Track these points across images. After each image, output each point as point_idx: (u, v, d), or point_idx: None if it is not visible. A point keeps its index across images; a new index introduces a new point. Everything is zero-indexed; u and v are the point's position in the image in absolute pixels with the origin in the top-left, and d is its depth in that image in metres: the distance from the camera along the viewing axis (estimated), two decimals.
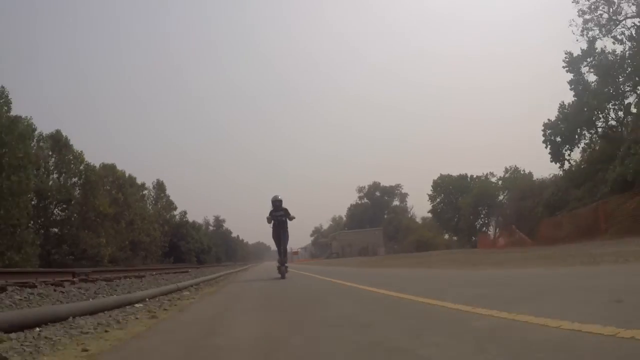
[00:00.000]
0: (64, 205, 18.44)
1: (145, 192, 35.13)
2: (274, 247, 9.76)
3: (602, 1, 17.14)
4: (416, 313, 2.43)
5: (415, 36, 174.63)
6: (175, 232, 37.14)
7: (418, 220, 68.14)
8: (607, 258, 5.48)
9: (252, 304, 3.88)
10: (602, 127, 17.46)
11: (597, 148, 16.78)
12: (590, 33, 17.24)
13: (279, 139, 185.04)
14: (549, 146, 17.76)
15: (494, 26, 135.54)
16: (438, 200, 42.87)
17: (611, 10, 17.22)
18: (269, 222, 8.83)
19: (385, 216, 72.72)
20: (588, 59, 17.25)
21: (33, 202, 16.72)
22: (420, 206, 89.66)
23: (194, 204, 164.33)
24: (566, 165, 17.34)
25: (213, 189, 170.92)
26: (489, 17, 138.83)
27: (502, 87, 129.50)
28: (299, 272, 11.36)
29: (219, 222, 79.07)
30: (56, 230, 19.47)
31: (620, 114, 16.98)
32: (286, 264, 8.57)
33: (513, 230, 17.65)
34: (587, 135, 17.70)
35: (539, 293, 2.84)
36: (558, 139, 17.84)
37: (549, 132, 17.70)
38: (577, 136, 17.59)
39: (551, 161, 17.93)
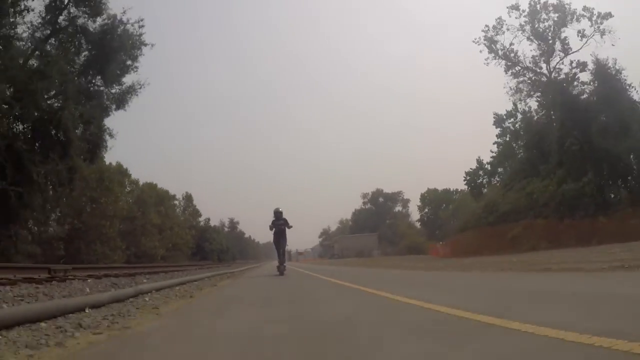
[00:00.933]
0: (129, 221, 25.52)
1: (176, 202, 42.50)
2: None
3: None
4: (345, 290, 4.68)
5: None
6: (201, 235, 44.44)
7: (418, 225, 74.31)
8: (492, 267, 7.76)
9: (259, 287, 6.26)
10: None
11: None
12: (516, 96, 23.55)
13: (291, 144, 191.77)
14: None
15: None
16: (425, 210, 49.43)
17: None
18: (270, 229, 10.38)
19: (387, 221, 78.97)
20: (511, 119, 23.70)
21: None
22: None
23: (210, 204, 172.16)
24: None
25: (228, 191, 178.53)
26: None
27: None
28: (297, 269, 14.41)
29: (233, 224, 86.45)
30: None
31: None
32: (284, 264, 10.29)
33: (454, 241, 23.90)
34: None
35: (425, 284, 5.23)
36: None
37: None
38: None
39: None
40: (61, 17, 13.45)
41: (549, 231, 14.72)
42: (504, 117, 23.36)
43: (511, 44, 22.21)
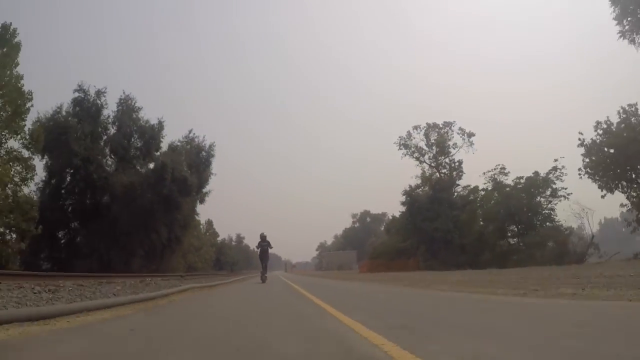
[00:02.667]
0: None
1: (202, 226, 57.36)
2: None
3: None
4: (289, 288, 9.49)
5: None
6: (218, 251, 59.06)
7: None
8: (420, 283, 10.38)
9: (250, 287, 10.07)
10: None
11: None
12: None
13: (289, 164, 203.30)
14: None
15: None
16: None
17: None
18: (257, 248, 14.51)
19: (370, 240, 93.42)
20: None
21: None
22: None
23: (214, 212, 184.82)
24: None
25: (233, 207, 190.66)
26: None
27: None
28: (280, 278, 19.08)
29: (240, 239, 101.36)
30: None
31: None
32: (266, 274, 13.96)
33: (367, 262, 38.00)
34: None
35: (326, 288, 9.99)
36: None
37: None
38: None
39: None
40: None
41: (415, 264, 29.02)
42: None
43: (416, 146, 37.16)
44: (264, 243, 14.31)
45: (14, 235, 13.74)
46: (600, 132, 18.38)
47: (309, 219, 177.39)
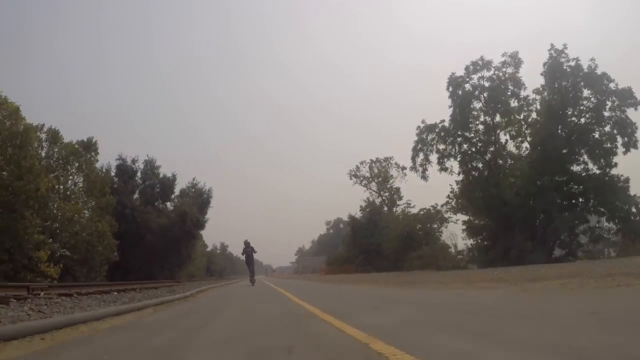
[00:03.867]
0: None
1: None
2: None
3: None
4: (269, 288, 15.78)
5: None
6: (208, 260, 69.11)
7: None
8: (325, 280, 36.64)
9: (240, 289, 14.04)
10: None
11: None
12: None
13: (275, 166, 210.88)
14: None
15: None
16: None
17: None
18: (242, 254, 16.36)
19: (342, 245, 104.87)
20: None
21: None
22: None
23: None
24: None
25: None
26: None
27: None
28: (262, 281, 24.61)
29: (224, 247, 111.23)
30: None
31: None
32: (254, 278, 16.13)
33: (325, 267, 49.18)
34: None
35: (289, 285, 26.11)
36: None
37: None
38: None
39: None
40: None
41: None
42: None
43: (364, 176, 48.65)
44: (248, 249, 16.03)
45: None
46: None
47: (290, 225, 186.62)
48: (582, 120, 20.32)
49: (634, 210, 19.83)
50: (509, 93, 19.07)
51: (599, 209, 19.98)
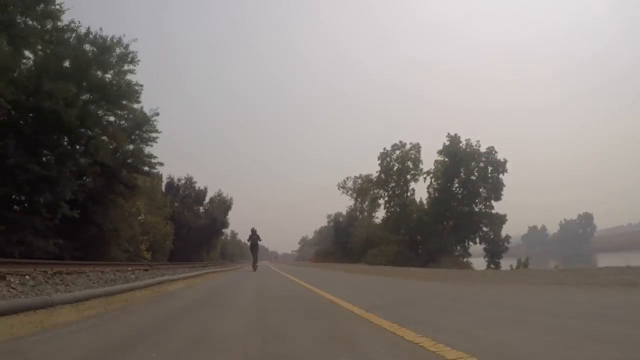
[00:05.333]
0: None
1: None
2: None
3: None
4: (273, 270, 19.81)
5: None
6: (222, 247, 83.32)
7: None
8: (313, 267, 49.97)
9: (245, 273, 14.90)
10: None
11: None
12: None
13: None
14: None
15: None
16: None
17: None
18: (248, 241, 17.48)
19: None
20: None
21: None
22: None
23: None
24: None
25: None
26: None
27: None
28: (267, 266, 29.77)
29: (234, 234, 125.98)
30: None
31: None
32: (257, 264, 17.02)
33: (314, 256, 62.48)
34: None
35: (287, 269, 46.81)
36: None
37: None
38: None
39: None
40: None
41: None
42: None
43: (350, 187, 61.55)
44: (254, 237, 16.83)
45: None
46: None
47: (297, 213, 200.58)
48: (472, 177, 33.09)
49: (493, 237, 32.78)
50: (411, 165, 32.08)
51: (473, 235, 32.95)
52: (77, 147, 15.14)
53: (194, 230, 43.16)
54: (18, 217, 12.72)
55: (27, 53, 13.38)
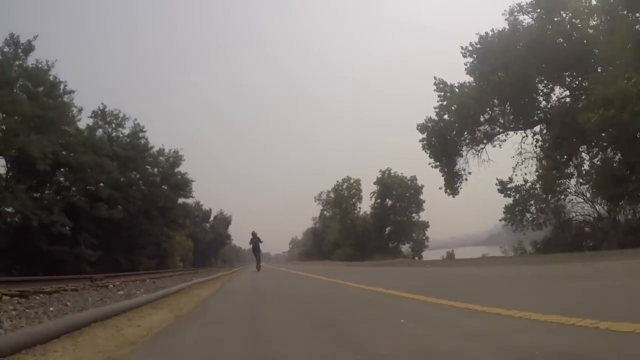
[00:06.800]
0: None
1: None
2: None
3: None
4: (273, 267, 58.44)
5: None
6: (223, 253, 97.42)
7: None
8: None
9: (250, 274, 18.05)
10: None
11: None
12: None
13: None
14: None
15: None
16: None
17: None
18: (250, 244, 19.00)
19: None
20: None
21: None
22: None
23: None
24: None
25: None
26: None
27: None
28: (268, 266, 39.58)
29: (230, 239, 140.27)
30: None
31: None
32: (260, 265, 19.14)
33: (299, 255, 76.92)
34: None
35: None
36: None
37: None
38: None
39: None
40: None
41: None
42: None
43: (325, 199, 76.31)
44: (255, 239, 18.57)
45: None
46: None
47: (286, 216, 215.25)
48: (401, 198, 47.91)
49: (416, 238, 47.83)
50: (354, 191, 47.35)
51: (404, 237, 47.97)
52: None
53: (204, 243, 56.91)
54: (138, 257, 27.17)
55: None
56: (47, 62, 19.28)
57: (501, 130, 16.92)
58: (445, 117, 17.51)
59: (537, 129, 16.03)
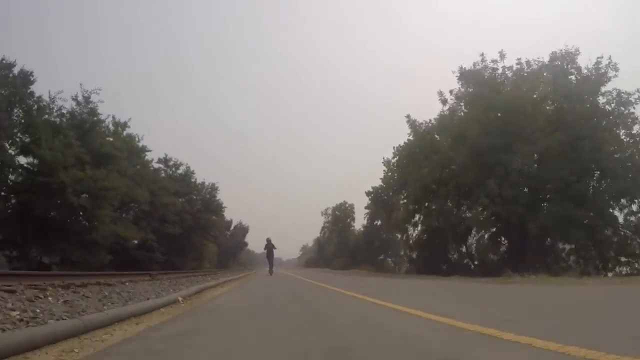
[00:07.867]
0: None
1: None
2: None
3: None
4: (284, 272, 34.23)
5: None
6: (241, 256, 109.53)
7: None
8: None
9: (262, 278, 18.56)
10: None
11: None
12: None
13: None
14: None
15: None
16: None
17: None
18: (264, 249, 20.52)
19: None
20: None
21: None
22: None
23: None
24: None
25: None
26: None
27: None
28: (278, 271, 29.66)
29: (245, 244, 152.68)
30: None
31: None
32: (272, 269, 20.02)
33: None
34: None
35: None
36: None
37: None
38: None
39: None
40: None
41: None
42: None
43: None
44: (269, 245, 20.11)
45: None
46: None
47: (299, 222, 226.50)
48: None
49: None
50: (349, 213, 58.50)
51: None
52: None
53: (225, 248, 68.70)
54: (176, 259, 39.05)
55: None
56: (137, 135, 31.76)
57: None
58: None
59: None
